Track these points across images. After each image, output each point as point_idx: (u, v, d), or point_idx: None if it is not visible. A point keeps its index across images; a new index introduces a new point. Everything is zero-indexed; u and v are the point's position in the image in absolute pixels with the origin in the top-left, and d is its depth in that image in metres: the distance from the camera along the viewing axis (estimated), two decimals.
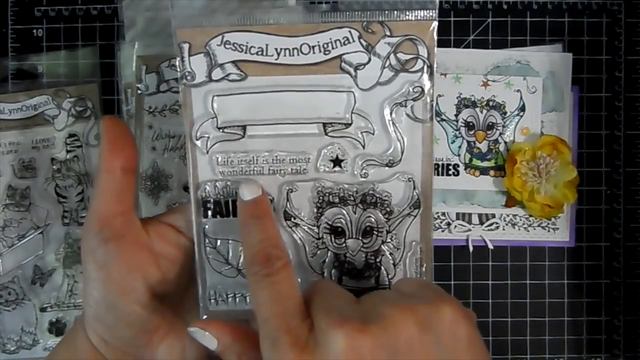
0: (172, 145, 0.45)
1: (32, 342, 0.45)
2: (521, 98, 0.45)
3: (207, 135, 0.31)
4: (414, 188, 0.31)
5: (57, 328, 0.45)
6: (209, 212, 0.31)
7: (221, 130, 0.30)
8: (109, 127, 0.30)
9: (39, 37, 0.47)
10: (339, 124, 0.30)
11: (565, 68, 0.45)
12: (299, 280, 0.31)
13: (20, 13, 0.47)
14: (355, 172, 0.31)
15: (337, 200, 0.31)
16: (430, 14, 0.29)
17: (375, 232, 0.31)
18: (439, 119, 0.45)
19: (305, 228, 0.31)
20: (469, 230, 0.46)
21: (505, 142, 0.45)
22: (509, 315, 0.46)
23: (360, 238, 0.31)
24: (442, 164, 0.45)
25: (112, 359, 0.30)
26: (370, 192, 0.31)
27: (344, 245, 0.31)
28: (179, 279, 0.31)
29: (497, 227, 0.46)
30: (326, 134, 0.31)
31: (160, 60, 0.44)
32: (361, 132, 0.31)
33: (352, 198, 0.31)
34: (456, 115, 0.45)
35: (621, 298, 0.46)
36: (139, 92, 0.45)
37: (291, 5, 0.43)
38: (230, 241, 0.31)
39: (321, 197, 0.31)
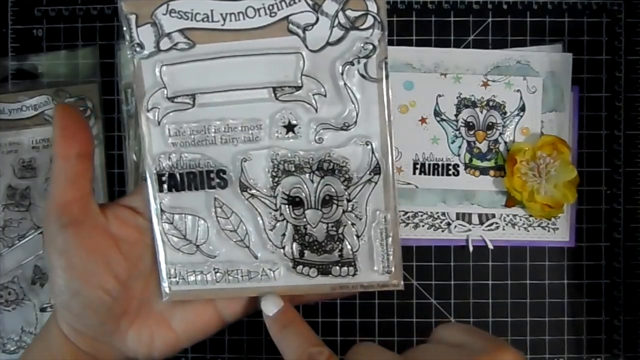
0: None
1: None
2: (521, 98, 0.45)
3: (158, 107, 0.30)
4: (373, 152, 0.30)
5: None
6: (165, 186, 0.30)
7: (171, 101, 0.30)
8: (61, 114, 0.30)
9: (39, 37, 0.47)
10: (289, 87, 0.29)
11: (565, 68, 0.45)
12: (259, 255, 0.31)
13: (20, 13, 0.47)
14: (310, 138, 0.30)
15: (292, 168, 0.30)
16: None
17: (335, 201, 0.30)
18: (438, 119, 0.45)
19: (262, 199, 0.30)
20: (469, 230, 0.46)
21: (505, 142, 0.45)
22: (509, 315, 0.46)
23: (319, 208, 0.30)
24: (442, 164, 0.45)
25: (84, 348, 0.30)
26: (327, 158, 0.30)
27: (303, 216, 0.30)
28: (141, 262, 0.31)
29: (497, 227, 0.46)
30: (277, 99, 0.29)
31: None
32: (313, 95, 0.29)
33: (308, 165, 0.30)
34: (456, 115, 0.45)
35: (621, 298, 0.46)
36: None
37: None
38: (187, 216, 0.31)
39: (276, 166, 0.30)
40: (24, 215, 0.45)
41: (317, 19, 0.29)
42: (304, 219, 0.30)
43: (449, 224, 0.46)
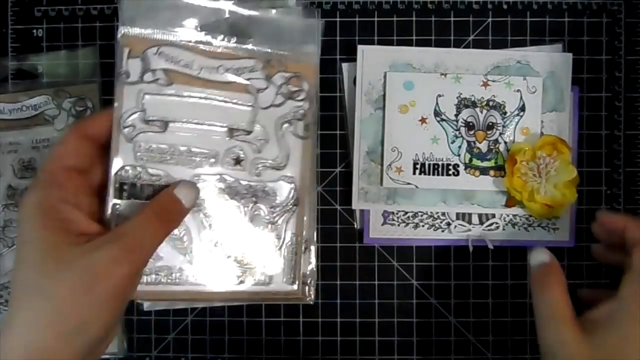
0: None
1: None
2: (521, 98, 0.45)
3: (133, 126, 0.37)
4: (295, 189, 0.39)
5: None
6: (124, 194, 0.36)
7: (146, 123, 0.37)
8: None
9: (39, 37, 0.47)
10: (243, 130, 0.38)
11: (565, 68, 0.45)
12: (195, 261, 0.38)
13: (20, 13, 0.47)
14: (252, 171, 0.39)
15: (234, 193, 0.39)
16: (313, 59, 0.39)
17: (263, 222, 0.39)
18: (439, 119, 0.45)
19: (207, 215, 0.38)
20: (469, 230, 0.46)
21: (505, 142, 0.45)
22: (509, 315, 0.46)
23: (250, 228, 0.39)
24: (442, 164, 0.45)
25: None
26: (263, 188, 0.39)
27: (236, 232, 0.39)
28: None
29: (497, 227, 0.46)
30: (232, 138, 0.38)
31: None
32: (259, 140, 0.39)
33: (245, 191, 0.39)
34: (456, 115, 0.45)
35: None
36: None
37: (291, 6, 0.43)
38: None
39: (222, 189, 0.38)
40: None
41: (267, 86, 0.39)
42: (237, 235, 0.39)
43: (449, 224, 0.46)
